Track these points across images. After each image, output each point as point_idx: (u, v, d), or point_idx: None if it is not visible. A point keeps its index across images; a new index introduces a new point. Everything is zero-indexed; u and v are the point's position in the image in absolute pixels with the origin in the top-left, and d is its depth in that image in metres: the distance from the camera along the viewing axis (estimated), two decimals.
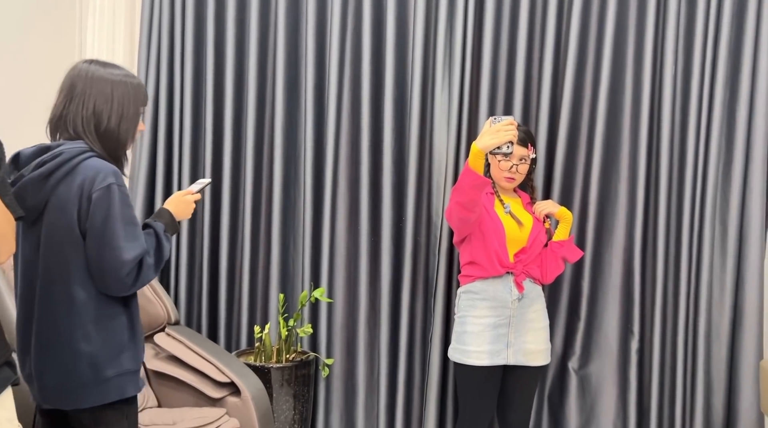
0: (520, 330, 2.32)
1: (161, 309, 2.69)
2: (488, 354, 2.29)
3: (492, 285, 2.31)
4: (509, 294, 2.31)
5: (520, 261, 2.32)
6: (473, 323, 2.32)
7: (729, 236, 2.67)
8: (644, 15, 2.71)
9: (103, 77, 1.65)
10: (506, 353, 2.30)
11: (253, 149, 3.02)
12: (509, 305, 2.30)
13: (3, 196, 1.36)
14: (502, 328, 2.30)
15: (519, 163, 2.34)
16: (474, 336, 2.30)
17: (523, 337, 2.32)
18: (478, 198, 2.16)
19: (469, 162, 2.09)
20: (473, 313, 2.33)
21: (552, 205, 2.44)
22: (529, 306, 2.34)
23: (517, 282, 2.31)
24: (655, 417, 2.71)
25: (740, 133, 2.65)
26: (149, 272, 1.63)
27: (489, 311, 2.31)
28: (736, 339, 2.69)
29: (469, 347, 2.31)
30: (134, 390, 1.67)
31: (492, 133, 2.03)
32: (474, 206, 2.17)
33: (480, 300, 2.32)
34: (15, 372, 1.45)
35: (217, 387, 2.48)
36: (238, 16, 3.01)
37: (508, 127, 2.03)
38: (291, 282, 3.07)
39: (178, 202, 1.81)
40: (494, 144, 2.03)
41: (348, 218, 2.97)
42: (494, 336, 2.29)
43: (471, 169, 2.08)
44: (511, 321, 2.31)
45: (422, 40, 2.83)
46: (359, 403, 2.98)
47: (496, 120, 2.05)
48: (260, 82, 3.02)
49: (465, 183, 2.12)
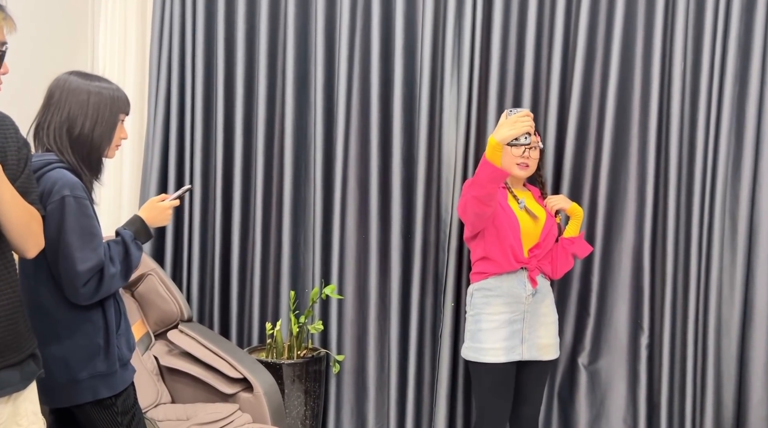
0: (533, 325, 2.33)
1: (174, 307, 2.71)
2: (504, 350, 2.28)
3: (506, 282, 2.31)
4: (523, 289, 2.31)
5: (534, 257, 2.32)
6: (488, 320, 2.31)
7: (739, 231, 2.66)
8: (653, 10, 2.70)
9: (80, 86, 1.68)
10: (521, 348, 2.30)
11: (263, 147, 3.04)
12: (523, 300, 2.31)
13: (29, 194, 1.41)
14: (517, 324, 2.31)
15: (530, 149, 2.33)
16: (490, 333, 2.30)
17: (536, 332, 2.33)
18: (495, 191, 2.14)
19: (487, 154, 2.06)
20: (487, 310, 2.32)
21: (564, 200, 2.45)
22: (542, 301, 2.36)
23: (531, 277, 2.31)
24: (665, 412, 2.71)
25: (750, 128, 2.64)
26: (113, 281, 1.64)
27: (504, 307, 2.31)
28: (746, 334, 2.68)
29: (484, 344, 2.30)
30: (108, 391, 1.67)
31: (509, 125, 2.03)
32: (490, 200, 2.16)
33: (495, 297, 2.32)
34: (39, 365, 1.48)
35: (229, 383, 2.50)
36: (248, 16, 3.03)
37: (524, 118, 2.03)
38: (302, 279, 3.09)
39: (151, 208, 1.82)
40: (512, 135, 2.02)
41: (358, 215, 2.98)
42: (509, 332, 2.29)
43: (489, 162, 2.06)
44: (525, 316, 2.31)
45: (431, 38, 2.84)
46: (370, 399, 3.00)
47: (512, 112, 2.05)
48: (270, 82, 3.04)
49: (483, 176, 2.09)
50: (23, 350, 1.41)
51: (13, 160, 1.38)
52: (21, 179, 1.40)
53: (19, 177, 1.39)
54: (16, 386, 1.40)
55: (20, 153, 1.40)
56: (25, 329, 1.43)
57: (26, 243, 1.40)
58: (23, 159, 1.41)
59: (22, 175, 1.40)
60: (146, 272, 2.73)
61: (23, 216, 1.36)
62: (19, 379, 1.41)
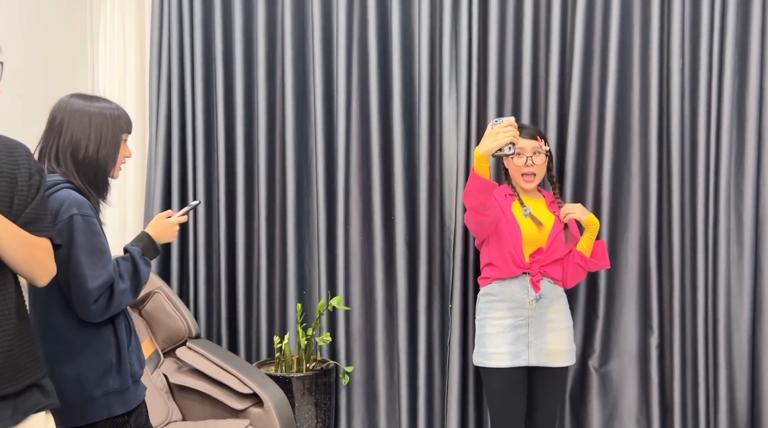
0: (540, 331, 2.31)
1: (182, 324, 2.71)
2: (509, 355, 2.28)
3: (508, 287, 2.31)
4: (526, 294, 2.30)
5: (536, 262, 2.31)
6: (492, 324, 2.32)
7: (744, 225, 2.65)
8: (648, 7, 2.70)
9: (81, 109, 1.69)
10: (527, 354, 2.29)
11: (265, 161, 3.04)
12: (527, 305, 2.30)
13: (41, 220, 1.41)
14: (522, 329, 2.30)
15: (532, 155, 2.33)
16: (493, 338, 2.31)
17: (543, 338, 2.31)
18: (488, 201, 2.17)
19: (474, 167, 2.11)
20: (492, 315, 2.33)
21: (581, 210, 2.34)
22: (549, 307, 2.33)
23: (533, 282, 2.30)
24: (678, 412, 2.69)
25: (751, 121, 2.62)
26: (123, 297, 1.65)
27: (507, 312, 2.31)
28: (757, 329, 2.65)
29: (489, 349, 2.31)
30: (122, 408, 1.67)
31: (492, 136, 2.05)
32: (485, 209, 2.19)
33: (498, 302, 2.33)
34: (49, 396, 1.43)
35: (239, 399, 2.50)
36: (245, 30, 3.04)
37: (507, 128, 2.04)
38: (308, 291, 3.09)
39: (158, 224, 1.83)
40: (495, 146, 2.04)
41: (361, 225, 2.98)
42: (514, 337, 2.29)
43: (476, 174, 2.10)
44: (530, 321, 2.30)
45: (428, 44, 2.84)
46: (381, 409, 2.98)
47: (497, 122, 2.07)
48: (270, 94, 3.05)
49: (472, 188, 2.14)
50: (20, 380, 1.36)
51: (24, 186, 1.39)
52: (32, 205, 1.40)
53: (30, 203, 1.39)
54: (5, 422, 1.33)
55: (32, 179, 1.41)
56: (26, 358, 1.39)
57: (34, 273, 1.40)
58: (35, 185, 1.41)
59: (33, 202, 1.40)
60: (153, 290, 2.74)
61: (23, 250, 1.35)
62: (11, 414, 1.34)
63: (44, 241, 1.42)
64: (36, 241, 1.39)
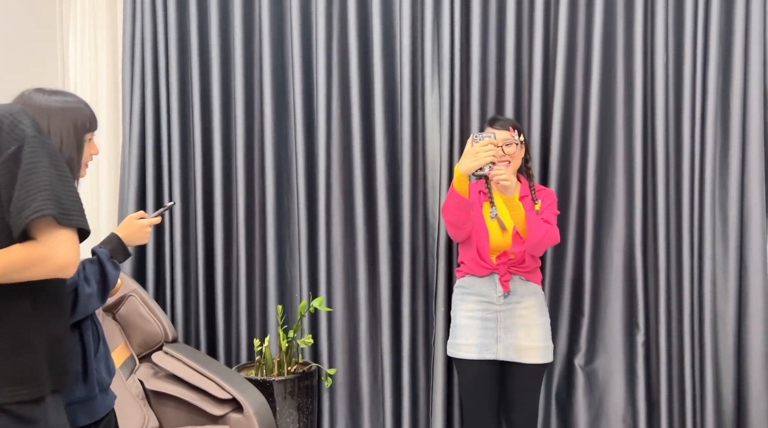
0: (510, 327, 2.32)
1: (158, 328, 2.65)
2: (477, 347, 2.32)
3: (479, 282, 2.36)
4: (494, 291, 2.34)
5: (503, 264, 2.33)
6: (463, 316, 2.37)
7: (730, 222, 2.64)
8: (632, 1, 2.68)
9: (41, 106, 1.55)
10: (496, 348, 2.32)
11: (243, 160, 2.99)
12: (495, 301, 2.33)
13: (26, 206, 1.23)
14: (490, 323, 2.33)
15: (504, 146, 2.32)
16: (463, 329, 2.35)
17: (514, 333, 2.32)
18: (466, 216, 2.23)
19: (454, 185, 2.14)
20: (462, 307, 2.38)
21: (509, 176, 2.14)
22: (518, 303, 2.34)
23: (501, 281, 2.33)
24: (665, 409, 2.68)
25: (735, 117, 2.62)
26: (89, 302, 1.58)
27: (477, 305, 2.35)
28: (743, 326, 2.66)
29: (459, 340, 2.36)
30: (88, 418, 1.60)
31: (471, 156, 2.07)
32: (464, 223, 2.26)
33: (469, 295, 2.38)
34: (22, 422, 1.28)
35: (218, 404, 2.44)
36: (222, 27, 2.98)
37: (486, 147, 2.05)
38: (289, 292, 3.04)
39: (129, 225, 1.76)
40: (475, 166, 2.07)
41: (343, 224, 2.94)
42: (482, 329, 2.33)
43: (456, 192, 2.15)
44: (498, 316, 2.33)
45: (409, 40, 2.81)
46: (364, 411, 2.94)
47: (477, 138, 2.09)
48: (248, 92, 2.99)
49: (452, 204, 2.20)
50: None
51: None
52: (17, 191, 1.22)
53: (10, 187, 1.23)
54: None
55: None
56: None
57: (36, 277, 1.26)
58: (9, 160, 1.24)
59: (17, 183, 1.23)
60: (127, 293, 2.67)
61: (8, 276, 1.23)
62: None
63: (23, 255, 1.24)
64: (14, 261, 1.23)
